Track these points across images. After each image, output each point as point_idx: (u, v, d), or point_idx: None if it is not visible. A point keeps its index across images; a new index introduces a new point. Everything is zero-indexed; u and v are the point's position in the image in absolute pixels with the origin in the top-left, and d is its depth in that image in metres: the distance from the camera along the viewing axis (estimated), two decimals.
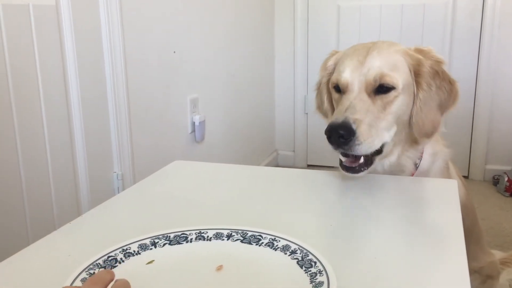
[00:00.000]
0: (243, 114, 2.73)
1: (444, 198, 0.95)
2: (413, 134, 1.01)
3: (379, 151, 0.97)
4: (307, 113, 3.22)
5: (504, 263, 1.43)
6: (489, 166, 2.94)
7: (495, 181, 2.84)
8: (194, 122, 2.15)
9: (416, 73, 0.99)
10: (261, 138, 3.08)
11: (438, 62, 1.01)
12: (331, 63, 1.08)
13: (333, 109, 1.08)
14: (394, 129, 0.98)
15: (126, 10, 1.64)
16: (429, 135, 1.01)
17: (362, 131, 0.90)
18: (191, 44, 2.12)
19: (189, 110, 2.12)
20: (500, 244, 2.12)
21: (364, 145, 0.90)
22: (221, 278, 0.65)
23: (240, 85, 2.65)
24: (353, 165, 0.95)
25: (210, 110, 2.30)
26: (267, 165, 3.12)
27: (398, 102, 0.97)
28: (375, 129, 0.92)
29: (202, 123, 2.20)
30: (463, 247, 0.74)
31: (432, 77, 0.99)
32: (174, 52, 1.95)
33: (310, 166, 3.27)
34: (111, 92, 1.63)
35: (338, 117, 0.92)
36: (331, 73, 1.07)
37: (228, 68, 2.51)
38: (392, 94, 0.96)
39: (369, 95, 0.95)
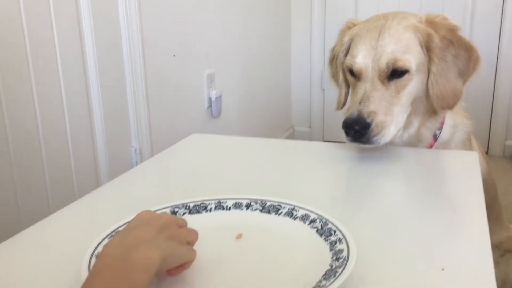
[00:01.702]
0: (260, 90, 2.72)
1: (464, 170, 0.94)
2: (432, 105, 1.00)
3: None
4: (323, 89, 3.19)
5: None
6: (509, 142, 2.89)
7: None
8: (211, 97, 2.15)
9: (427, 48, 0.97)
10: (277, 114, 3.07)
11: (452, 30, 0.98)
12: (346, 38, 1.08)
13: (346, 84, 1.10)
14: (409, 109, 0.99)
15: None
16: (451, 105, 0.99)
17: (377, 124, 0.92)
18: (208, 18, 2.10)
19: (205, 85, 2.11)
20: None
21: (380, 136, 0.93)
22: (241, 246, 0.66)
23: (256, 60, 2.63)
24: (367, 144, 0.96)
25: (226, 86, 2.29)
26: None
27: (413, 83, 0.97)
28: (390, 116, 0.94)
29: (219, 98, 2.20)
30: (484, 219, 0.73)
31: (445, 48, 0.97)
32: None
33: (326, 142, 3.26)
34: (128, 67, 1.63)
35: (352, 111, 0.94)
36: (347, 49, 1.07)
37: (244, 43, 2.49)
38: (406, 77, 0.96)
39: (382, 81, 0.96)
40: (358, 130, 0.92)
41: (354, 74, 1.01)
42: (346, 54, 1.06)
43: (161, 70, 1.80)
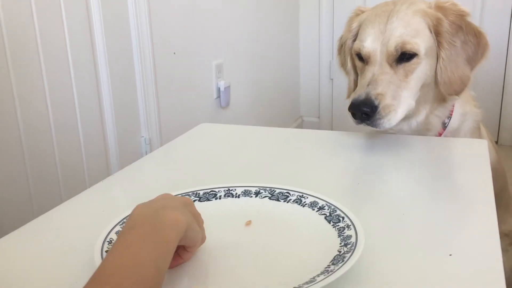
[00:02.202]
0: (268, 80, 2.71)
1: (473, 158, 0.94)
2: (441, 92, 1.00)
3: None
4: (332, 79, 3.18)
5: None
6: None
7: None
8: (219, 88, 2.15)
9: (437, 33, 0.97)
10: (286, 104, 3.07)
11: (461, 16, 0.98)
12: (355, 25, 1.07)
13: (355, 71, 1.09)
14: (418, 94, 0.98)
15: None
16: (458, 92, 0.99)
17: (384, 106, 0.91)
18: (215, 9, 2.10)
19: (214, 76, 2.12)
20: None
21: (387, 119, 0.92)
22: (251, 232, 0.66)
23: (264, 50, 2.63)
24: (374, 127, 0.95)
25: (235, 76, 2.30)
26: None
27: (421, 68, 0.97)
28: (398, 100, 0.93)
29: (227, 88, 2.20)
30: (493, 207, 0.73)
31: (455, 33, 0.97)
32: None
33: (335, 131, 3.25)
34: (137, 59, 1.64)
35: (360, 93, 0.93)
36: (355, 35, 1.07)
37: (252, 33, 2.49)
38: (415, 61, 0.96)
39: (391, 65, 0.96)
40: (365, 111, 0.91)
41: (362, 59, 1.01)
42: (354, 40, 1.06)
43: (170, 61, 1.81)
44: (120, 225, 0.63)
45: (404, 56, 0.96)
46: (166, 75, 1.78)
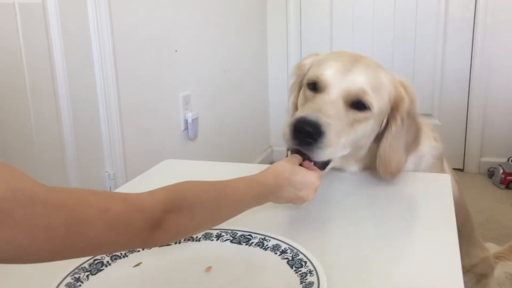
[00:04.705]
0: (237, 111, 2.71)
1: (436, 193, 0.94)
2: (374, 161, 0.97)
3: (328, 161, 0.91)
4: None
5: (499, 257, 1.42)
6: (484, 159, 2.93)
7: (490, 173, 2.83)
8: (187, 120, 2.13)
9: (394, 106, 0.95)
10: (255, 134, 3.07)
11: (413, 102, 0.97)
12: (307, 62, 1.03)
13: (295, 109, 1.01)
14: (349, 148, 0.91)
15: (114, 5, 1.61)
16: (394, 174, 0.96)
17: (330, 137, 0.83)
18: (183, 40, 2.10)
19: (181, 108, 2.10)
20: (495, 237, 2.12)
21: (327, 151, 0.83)
22: (210, 279, 0.64)
23: (233, 81, 2.63)
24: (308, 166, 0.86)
25: (203, 107, 2.28)
26: (262, 161, 3.10)
27: (368, 124, 0.92)
28: (338, 140, 0.86)
29: (195, 120, 2.18)
30: (456, 243, 0.73)
31: (407, 116, 0.95)
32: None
33: None
34: (101, 90, 1.61)
35: (310, 113, 0.84)
36: (305, 74, 1.00)
37: (220, 65, 2.49)
38: (366, 114, 0.90)
39: (344, 105, 0.89)
40: (310, 132, 0.81)
41: (314, 88, 0.93)
42: (302, 79, 1.00)
43: (135, 92, 1.78)
44: (71, 276, 0.60)
45: (358, 105, 0.90)
46: (131, 107, 1.75)
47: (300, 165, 0.82)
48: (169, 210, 0.54)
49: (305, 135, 0.82)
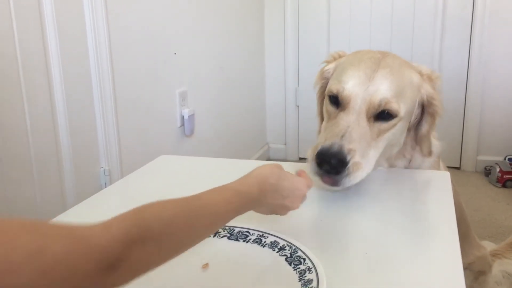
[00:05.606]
0: (233, 107, 2.70)
1: (437, 190, 0.93)
2: (403, 149, 1.00)
3: None
4: (298, 106, 3.19)
5: (495, 255, 1.41)
6: (480, 157, 2.93)
7: (487, 172, 2.83)
8: (183, 116, 2.12)
9: (424, 102, 0.95)
10: (252, 131, 3.05)
11: (440, 94, 0.98)
12: (330, 67, 1.00)
13: (322, 117, 1.00)
14: (378, 155, 0.91)
15: (111, 1, 1.59)
16: (432, 153, 1.02)
17: (354, 164, 0.83)
18: (179, 36, 2.08)
19: (178, 104, 2.08)
20: (492, 235, 2.11)
21: (352, 177, 0.83)
22: (207, 277, 0.63)
23: (229, 78, 2.62)
24: (334, 186, 0.86)
25: (199, 104, 2.27)
26: (258, 158, 3.09)
27: (395, 130, 0.91)
28: (366, 159, 0.85)
29: (192, 116, 2.16)
30: (456, 240, 0.72)
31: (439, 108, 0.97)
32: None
33: (302, 159, 3.25)
34: (96, 86, 1.59)
35: (333, 142, 0.83)
36: (328, 80, 0.98)
37: (217, 61, 2.47)
38: (392, 122, 0.89)
39: (368, 118, 0.87)
40: (334, 165, 0.82)
41: (336, 102, 0.91)
42: (326, 84, 0.98)
43: (131, 88, 1.76)
44: None
45: (383, 114, 0.88)
46: (127, 103, 1.73)
47: None
48: (128, 245, 0.46)
49: (331, 167, 0.82)
